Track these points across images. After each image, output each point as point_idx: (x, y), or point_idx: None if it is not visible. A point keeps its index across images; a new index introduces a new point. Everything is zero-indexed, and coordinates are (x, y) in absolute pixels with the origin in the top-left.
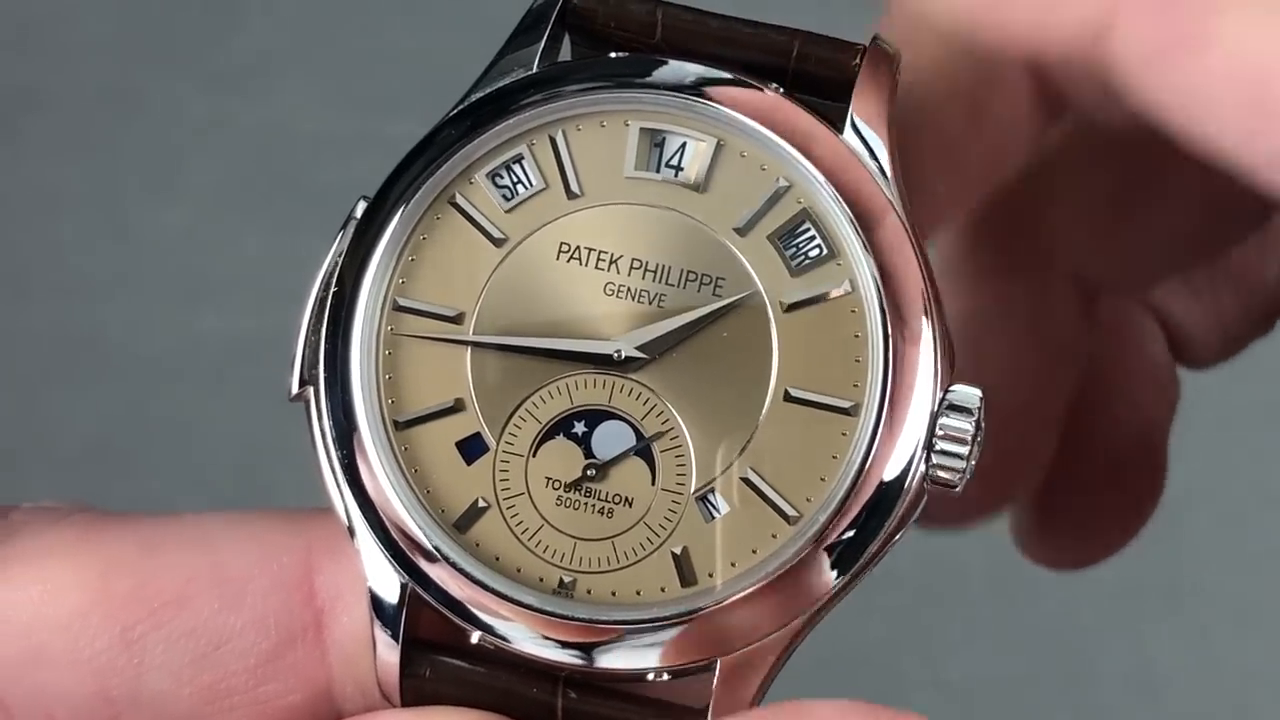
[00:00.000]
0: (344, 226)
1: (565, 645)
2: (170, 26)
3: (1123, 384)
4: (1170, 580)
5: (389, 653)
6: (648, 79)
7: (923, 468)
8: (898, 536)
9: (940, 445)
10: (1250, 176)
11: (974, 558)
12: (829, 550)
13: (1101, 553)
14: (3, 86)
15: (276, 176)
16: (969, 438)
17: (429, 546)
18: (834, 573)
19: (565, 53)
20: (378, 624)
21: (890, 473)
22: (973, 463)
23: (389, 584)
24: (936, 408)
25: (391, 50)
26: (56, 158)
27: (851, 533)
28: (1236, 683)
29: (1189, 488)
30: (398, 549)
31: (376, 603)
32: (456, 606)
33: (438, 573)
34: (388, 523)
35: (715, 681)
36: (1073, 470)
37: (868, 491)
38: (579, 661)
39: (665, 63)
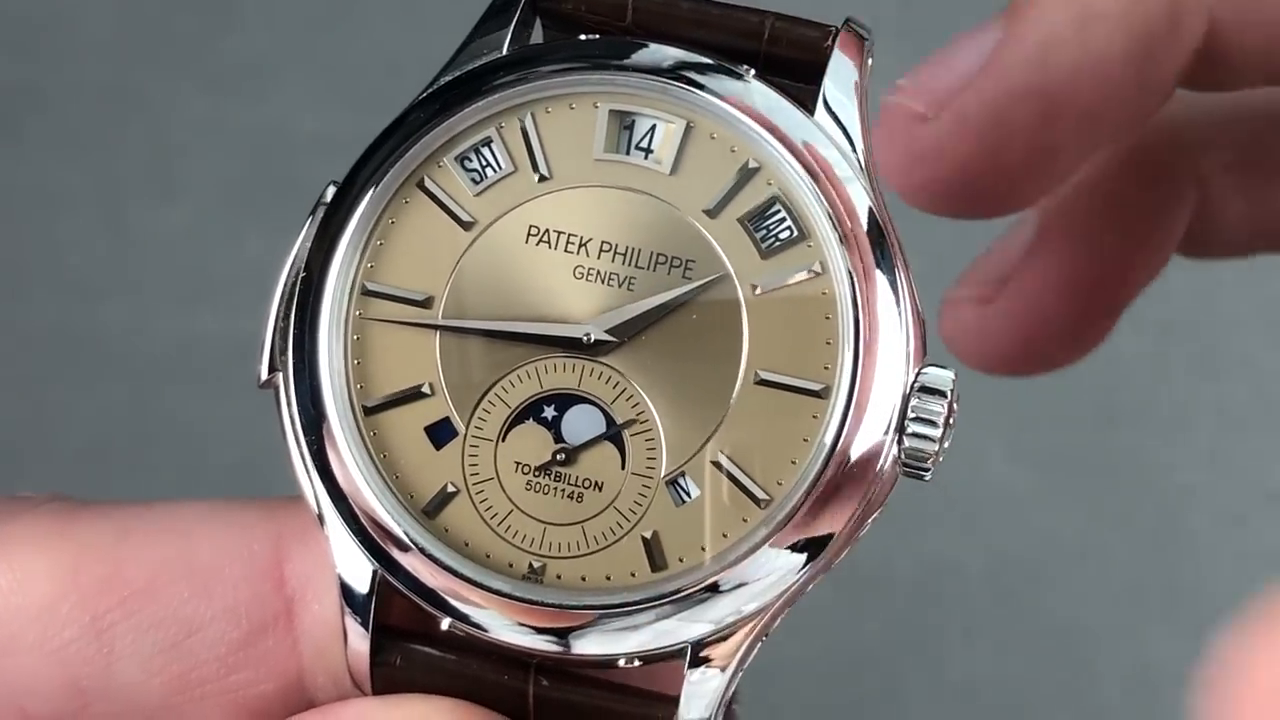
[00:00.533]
0: (313, 211)
1: (539, 631)
2: (170, 26)
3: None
4: (1170, 580)
5: (360, 641)
6: (617, 61)
7: (894, 450)
8: (869, 521)
9: (912, 428)
10: None
11: (974, 558)
12: (799, 534)
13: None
14: (3, 86)
15: (276, 176)
16: (940, 420)
17: (399, 533)
18: (805, 557)
19: (536, 37)
20: (348, 612)
21: (860, 456)
22: (945, 446)
23: (359, 572)
24: (908, 390)
25: (390, 50)
26: (56, 158)
27: (821, 518)
28: None
29: (1189, 488)
30: (367, 536)
31: (346, 591)
32: (427, 594)
33: (407, 560)
34: (357, 510)
35: (686, 667)
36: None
37: (838, 474)
38: (554, 648)
39: (635, 45)
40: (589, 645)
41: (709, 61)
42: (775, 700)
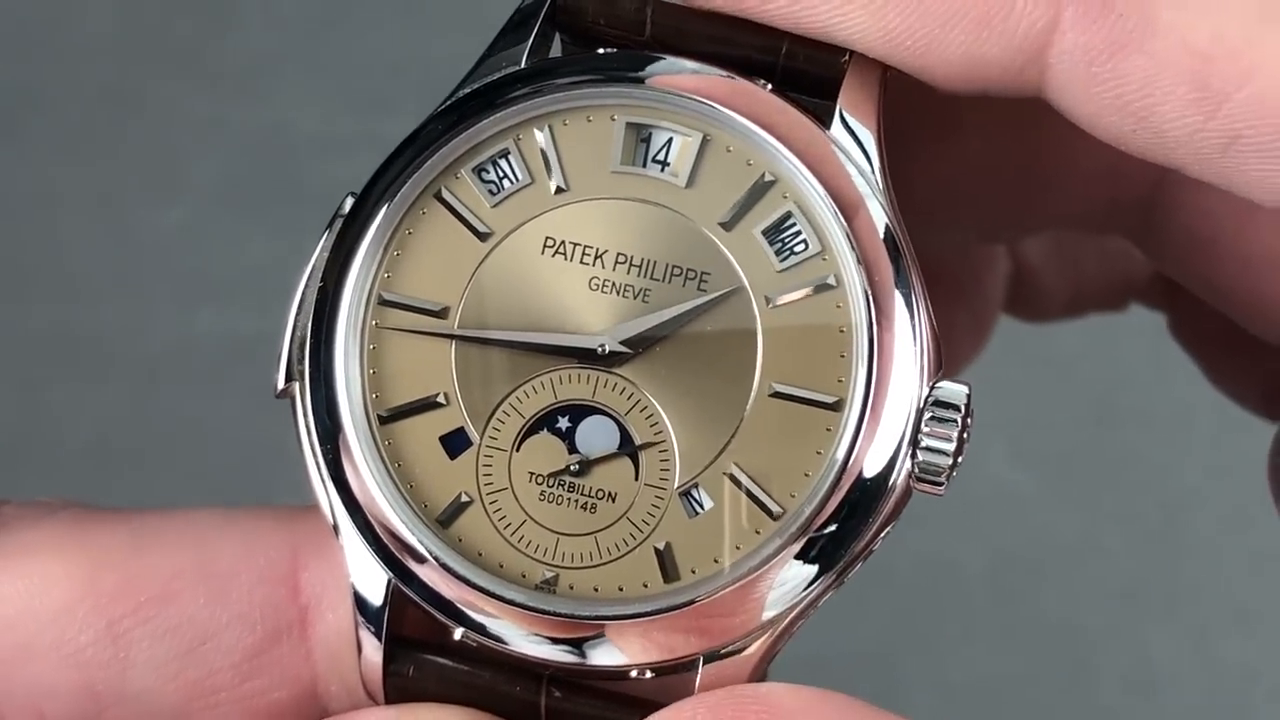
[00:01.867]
0: (331, 223)
1: (552, 641)
2: (170, 26)
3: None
4: (1170, 580)
5: (373, 651)
6: (634, 74)
7: (908, 465)
8: (883, 534)
9: (926, 441)
10: (1194, 163)
11: (974, 558)
12: (812, 547)
13: None
14: (3, 86)
15: (276, 176)
16: (954, 435)
17: (413, 543)
18: (816, 570)
19: (554, 51)
20: (361, 622)
21: (874, 469)
22: (959, 460)
23: (373, 582)
24: (922, 404)
25: (391, 50)
26: (56, 158)
27: (834, 529)
28: (1236, 683)
29: (1189, 488)
30: (382, 546)
31: (360, 601)
32: (441, 604)
33: (422, 570)
34: (372, 519)
35: (698, 681)
36: None
37: (852, 488)
38: (563, 657)
39: (652, 58)
40: (601, 656)
41: (722, 74)
42: None
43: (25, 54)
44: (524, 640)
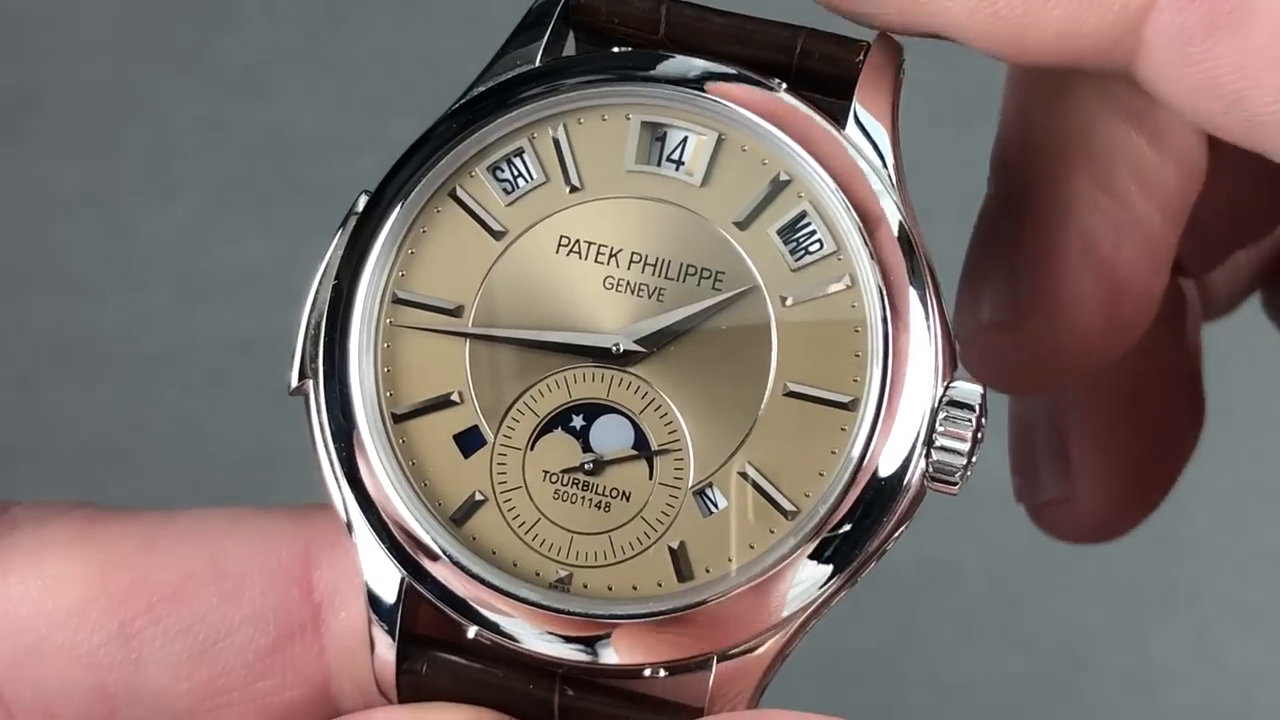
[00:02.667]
0: (345, 221)
1: (566, 640)
2: (170, 26)
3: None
4: (1170, 580)
5: (386, 650)
6: (650, 73)
7: (922, 464)
8: (897, 534)
9: (940, 442)
10: None
11: (974, 558)
12: (826, 546)
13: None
14: (3, 86)
15: (276, 176)
16: (969, 435)
17: (427, 541)
18: (830, 569)
19: (568, 50)
20: (375, 620)
21: (889, 468)
22: (973, 460)
23: (386, 580)
24: (936, 404)
25: (391, 50)
26: (56, 158)
27: (849, 528)
28: (1236, 683)
29: (1189, 488)
30: (396, 544)
31: (373, 599)
32: (455, 602)
33: (436, 568)
34: (386, 517)
35: (712, 680)
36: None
37: (866, 487)
38: (577, 655)
39: (667, 57)
40: (614, 654)
41: (737, 73)
42: (775, 700)
43: (25, 54)
44: (537, 639)
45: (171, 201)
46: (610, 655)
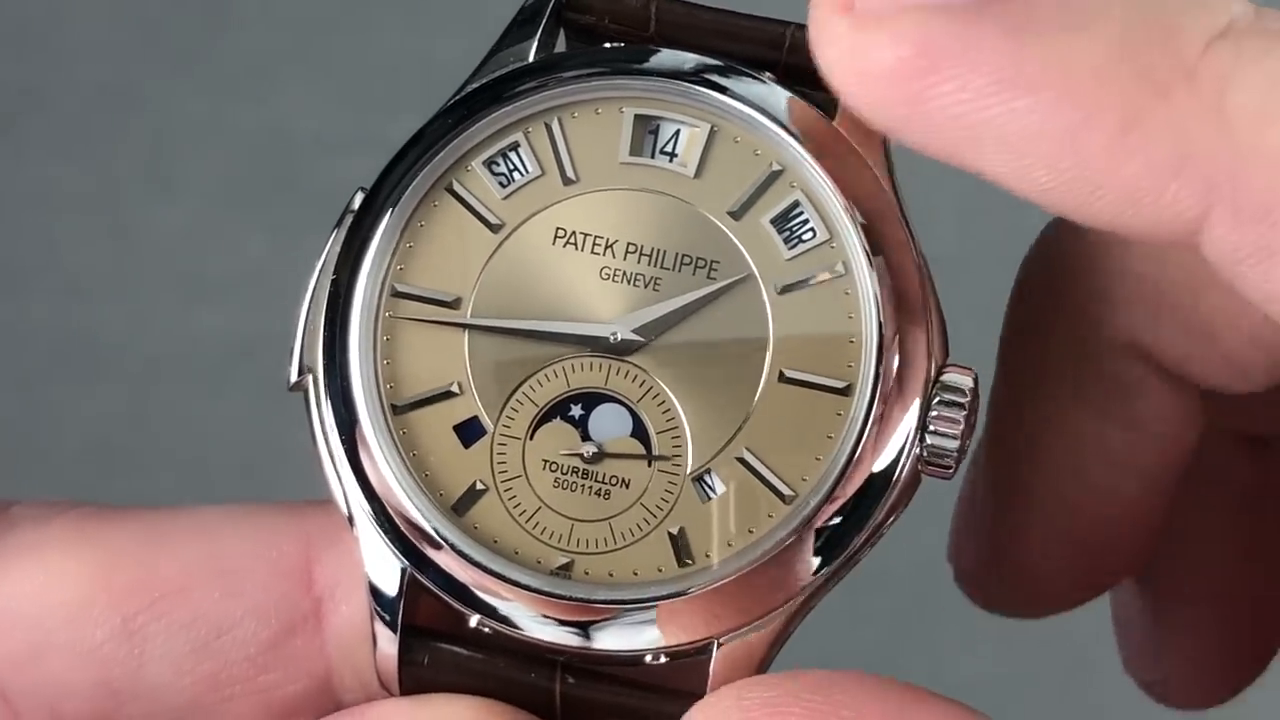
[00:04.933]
0: (341, 218)
1: (568, 626)
2: (170, 26)
3: None
4: None
5: (388, 643)
6: (642, 66)
7: (916, 449)
8: (893, 518)
9: (934, 426)
10: None
11: None
12: (824, 530)
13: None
14: (3, 86)
15: (276, 176)
16: (961, 419)
17: (429, 530)
18: (829, 552)
19: (559, 47)
20: (376, 612)
21: (884, 453)
22: (967, 443)
23: (388, 573)
24: (930, 389)
25: (391, 50)
26: (56, 157)
27: (846, 513)
28: None
29: None
30: (398, 534)
31: (375, 592)
32: (456, 590)
33: (439, 557)
34: (389, 509)
35: (713, 664)
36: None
37: (862, 471)
38: (577, 641)
39: (659, 51)
40: (615, 640)
41: (729, 65)
42: None
43: (25, 54)
44: (539, 625)
45: (171, 201)
46: (610, 641)
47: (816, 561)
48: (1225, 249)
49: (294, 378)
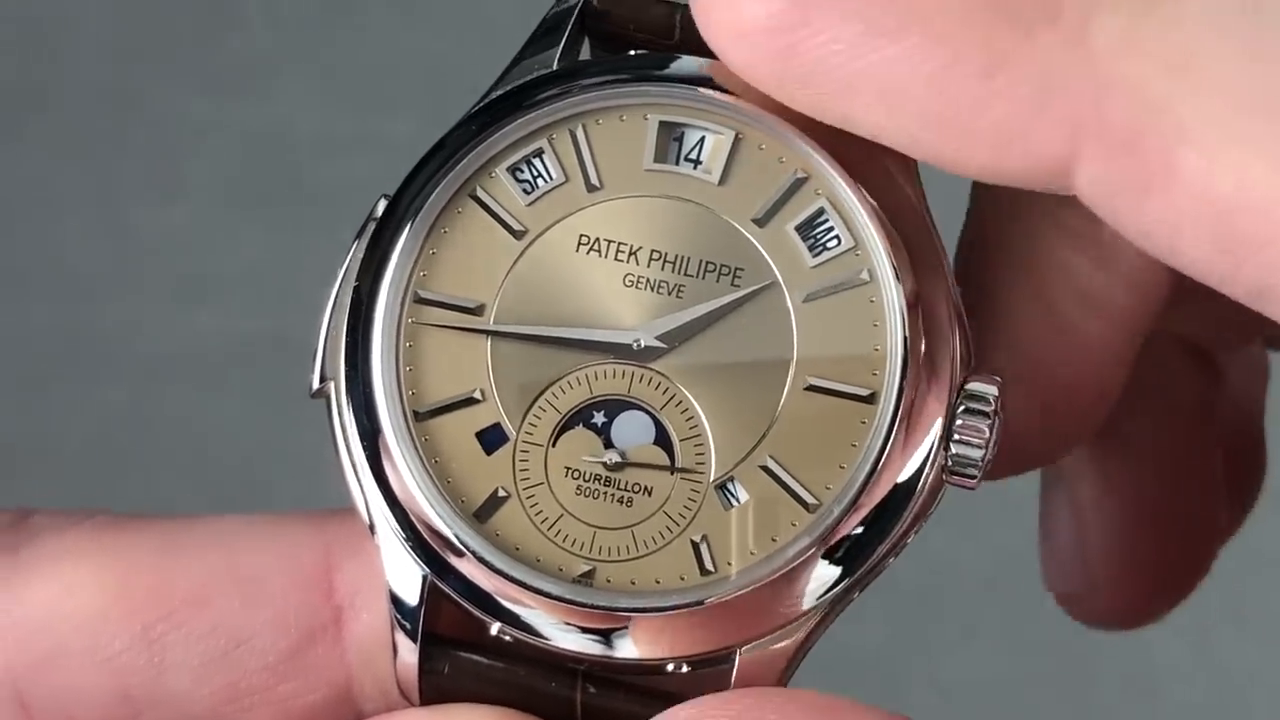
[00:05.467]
0: (364, 225)
1: (589, 634)
2: (170, 27)
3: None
4: None
5: (408, 652)
6: (666, 73)
7: (941, 459)
8: (918, 526)
9: (959, 435)
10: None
11: (974, 558)
12: (847, 539)
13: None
14: (3, 86)
15: (276, 176)
16: (987, 428)
17: (451, 537)
18: (852, 560)
19: (583, 55)
20: (397, 620)
21: (908, 462)
22: (991, 453)
23: (409, 581)
24: (954, 398)
25: (391, 50)
26: (57, 157)
27: (869, 522)
28: (1236, 683)
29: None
30: (420, 542)
31: (396, 600)
32: (478, 597)
33: (461, 565)
34: (411, 516)
35: (735, 674)
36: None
37: (886, 480)
38: (599, 650)
39: (684, 57)
40: (637, 649)
41: None
42: None
43: (25, 54)
44: (560, 633)
45: (171, 201)
46: (632, 649)
47: (839, 571)
48: (1098, 188)
49: (316, 385)
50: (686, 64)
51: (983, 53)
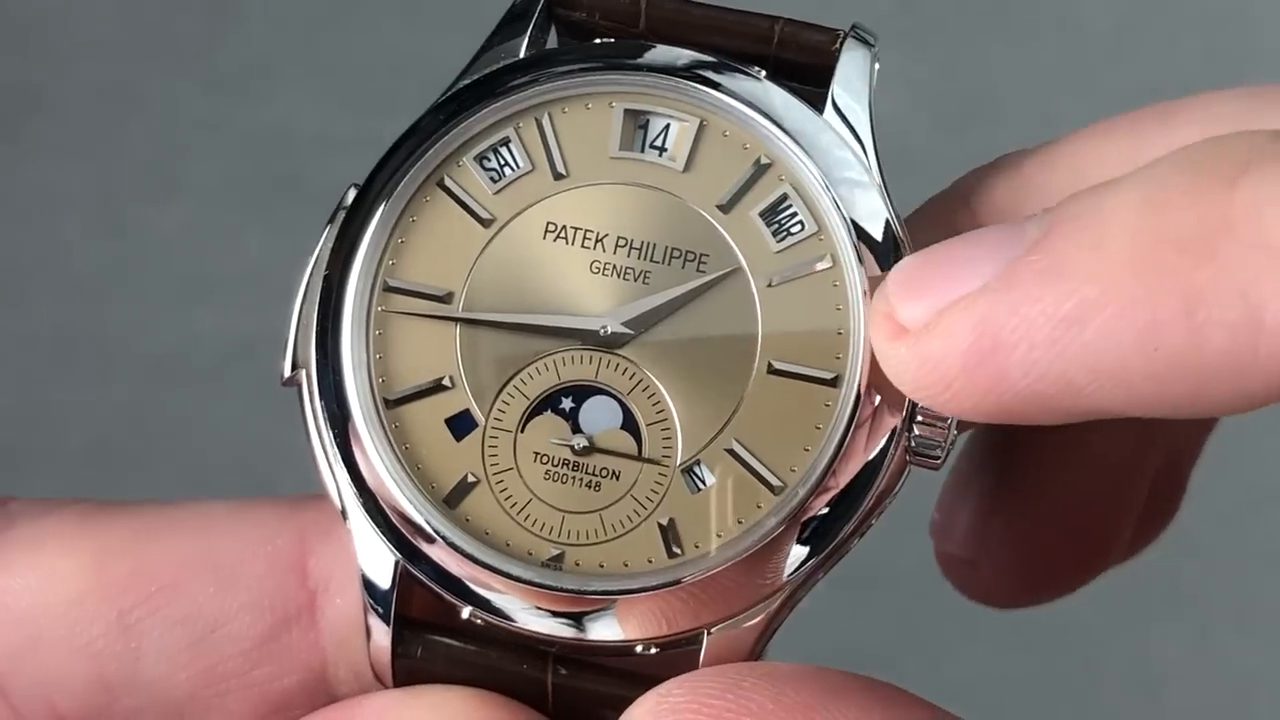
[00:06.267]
0: (334, 214)
1: (559, 617)
2: (170, 27)
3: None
4: (1170, 580)
5: (381, 635)
6: (632, 61)
7: (905, 439)
8: (881, 508)
9: (921, 418)
10: None
11: None
12: (812, 520)
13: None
14: (3, 86)
15: (277, 176)
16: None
17: (421, 523)
18: (817, 542)
19: (550, 44)
20: (370, 605)
21: (872, 443)
22: (953, 434)
23: (381, 566)
24: None
25: (391, 50)
26: (57, 157)
27: (834, 503)
28: (1236, 683)
29: (1190, 487)
30: (391, 527)
31: (368, 585)
32: (449, 582)
33: (431, 550)
34: (382, 502)
35: (703, 654)
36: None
37: (851, 461)
38: (570, 632)
39: (649, 45)
40: (606, 631)
41: (718, 60)
42: None
43: (25, 54)
44: (530, 617)
45: (171, 201)
46: (601, 632)
47: (805, 551)
48: None
49: (287, 372)
50: (655, 53)
51: (1175, 296)
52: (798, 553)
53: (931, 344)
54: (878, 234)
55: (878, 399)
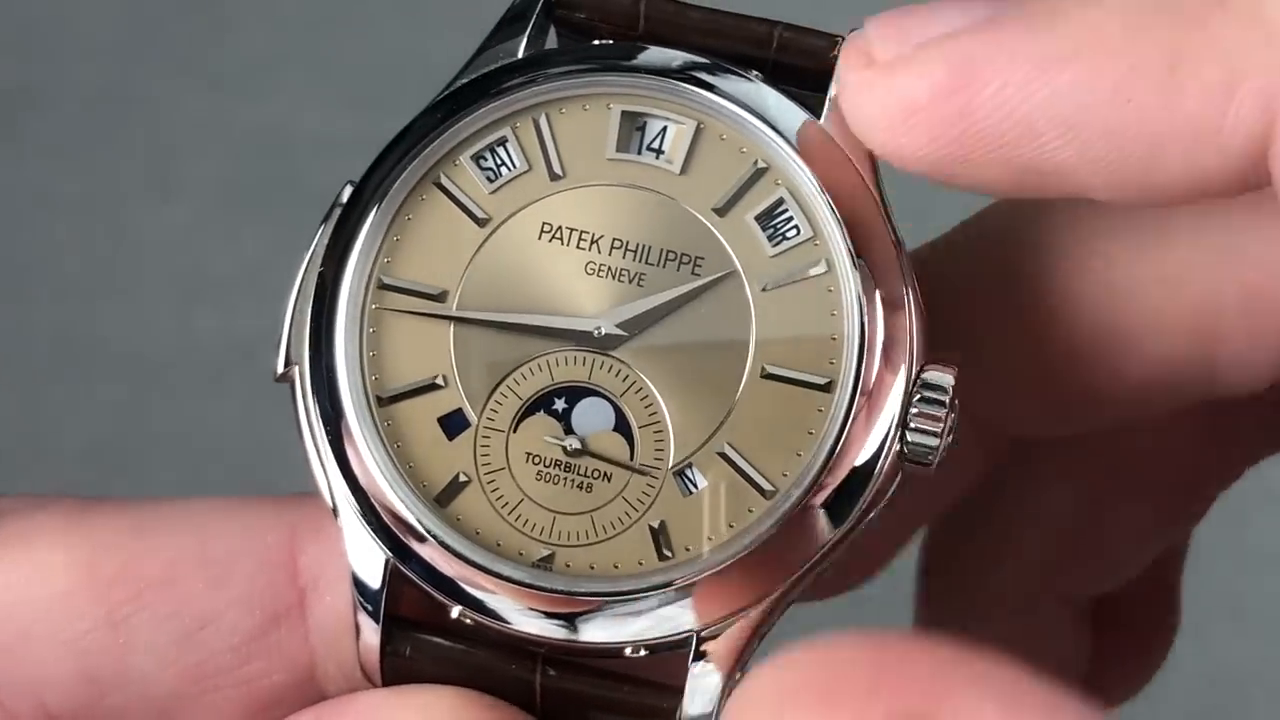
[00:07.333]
0: (329, 211)
1: (549, 618)
2: (170, 27)
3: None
4: None
5: (371, 633)
6: (630, 63)
7: (897, 445)
8: (873, 513)
9: (914, 423)
10: None
11: None
12: (804, 525)
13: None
14: (2, 86)
15: (276, 176)
16: (942, 416)
17: (413, 522)
18: (809, 545)
19: (549, 44)
20: (360, 603)
21: (865, 448)
22: (947, 440)
23: (371, 564)
24: (911, 386)
25: (391, 50)
26: (55, 158)
27: (826, 507)
28: (1236, 683)
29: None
30: (382, 526)
31: (358, 583)
32: (440, 582)
33: (422, 549)
34: (372, 499)
35: (690, 658)
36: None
37: (843, 467)
38: (560, 633)
39: (647, 48)
40: (594, 632)
41: (716, 63)
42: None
43: (25, 54)
44: (520, 617)
45: (171, 201)
46: (591, 633)
47: (792, 558)
48: None
49: (280, 369)
50: (651, 55)
51: (1160, 51)
52: (786, 559)
53: (906, 73)
54: (872, 238)
55: (871, 406)
